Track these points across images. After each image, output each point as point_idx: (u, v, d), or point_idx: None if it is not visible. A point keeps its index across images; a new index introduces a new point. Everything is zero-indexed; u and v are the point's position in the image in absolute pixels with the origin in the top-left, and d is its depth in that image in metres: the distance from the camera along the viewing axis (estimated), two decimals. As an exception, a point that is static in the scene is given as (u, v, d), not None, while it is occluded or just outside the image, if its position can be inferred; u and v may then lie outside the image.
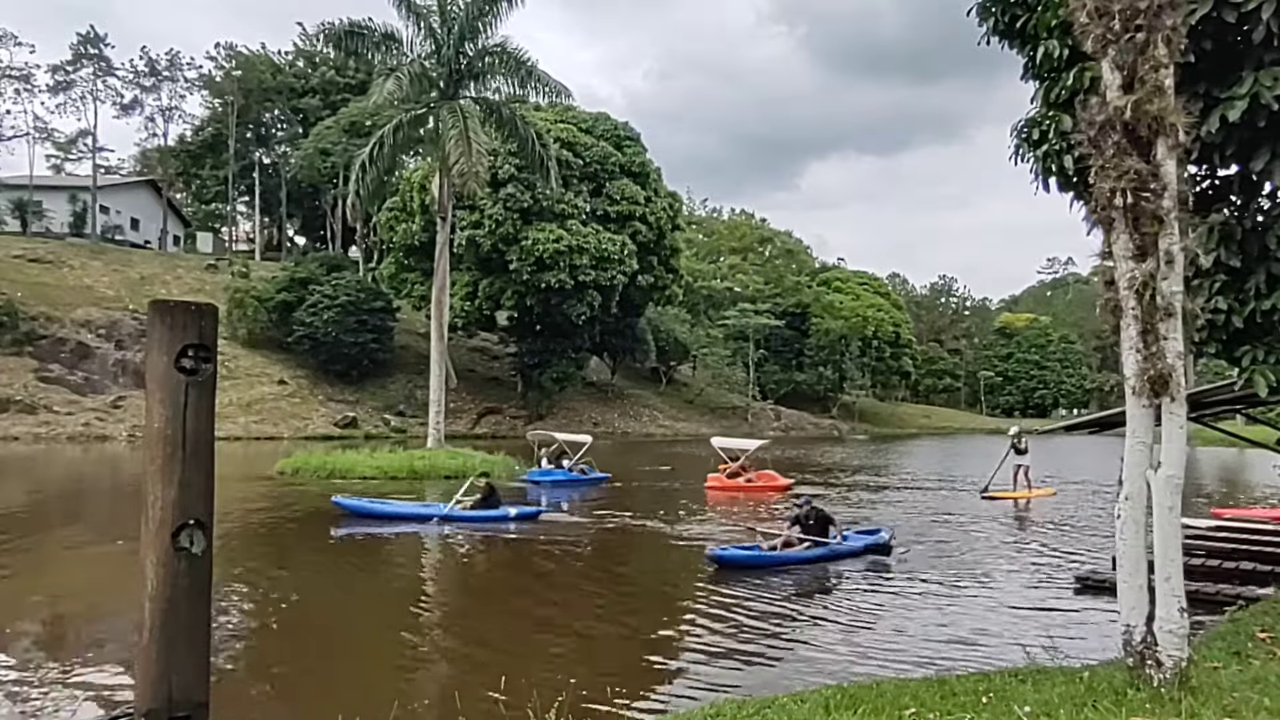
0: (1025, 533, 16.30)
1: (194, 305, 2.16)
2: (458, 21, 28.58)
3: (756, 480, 23.38)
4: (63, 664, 7.57)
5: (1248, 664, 5.62)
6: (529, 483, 24.52)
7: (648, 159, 58.22)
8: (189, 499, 2.09)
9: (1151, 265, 4.43)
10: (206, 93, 72.39)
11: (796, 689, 6.08)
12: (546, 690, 6.17)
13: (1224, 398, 9.22)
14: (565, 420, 58.98)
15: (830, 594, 10.69)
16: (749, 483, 23.19)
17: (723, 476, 23.51)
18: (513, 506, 17.33)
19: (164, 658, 2.06)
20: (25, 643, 8.20)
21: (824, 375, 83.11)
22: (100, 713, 6.07)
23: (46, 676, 7.22)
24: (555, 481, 24.56)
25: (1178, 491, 4.47)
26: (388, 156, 29.41)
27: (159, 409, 2.09)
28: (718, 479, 23.49)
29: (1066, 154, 6.66)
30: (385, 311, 56.17)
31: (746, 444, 25.76)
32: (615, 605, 10.12)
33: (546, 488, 23.68)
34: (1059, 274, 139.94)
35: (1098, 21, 4.55)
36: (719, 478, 23.53)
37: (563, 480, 24.70)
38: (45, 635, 8.42)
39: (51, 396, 45.16)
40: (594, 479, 25.20)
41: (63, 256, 56.01)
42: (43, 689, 6.88)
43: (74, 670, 7.37)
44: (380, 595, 10.98)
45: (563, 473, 25.28)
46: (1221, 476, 30.79)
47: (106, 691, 6.79)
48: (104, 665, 7.58)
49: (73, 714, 6.24)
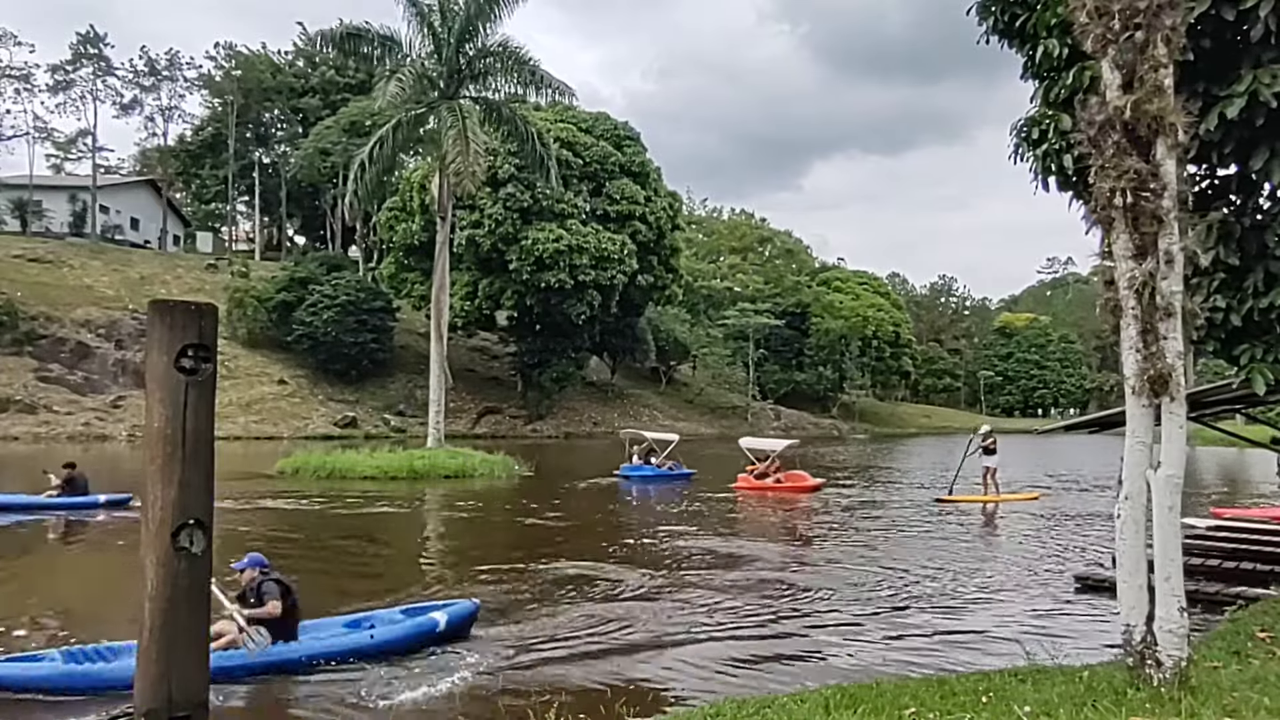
0: (1024, 532, 16.29)
1: (194, 305, 2.16)
2: (458, 20, 28.58)
3: (785, 481, 23.20)
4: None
5: (1248, 664, 5.62)
6: (620, 477, 25.96)
7: (647, 159, 58.24)
8: (189, 499, 2.09)
9: (1151, 265, 4.43)
10: (206, 92, 72.46)
11: (796, 689, 6.08)
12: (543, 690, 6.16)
13: (1223, 397, 9.22)
14: (564, 420, 59.07)
15: (830, 593, 10.69)
16: (777, 483, 23.00)
17: (750, 477, 23.44)
18: (103, 495, 17.59)
19: (164, 658, 2.06)
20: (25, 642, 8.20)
21: (824, 375, 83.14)
22: (100, 713, 6.07)
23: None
24: (644, 476, 25.94)
25: (1178, 491, 4.47)
26: (387, 156, 29.40)
27: (159, 409, 2.09)
28: (746, 479, 23.45)
29: (1066, 153, 6.67)
30: (385, 311, 56.18)
31: (775, 444, 25.68)
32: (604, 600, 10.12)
33: (636, 482, 25.19)
34: (1059, 274, 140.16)
35: (1097, 21, 4.55)
36: (747, 478, 23.48)
37: (650, 475, 26.12)
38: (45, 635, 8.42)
39: (51, 396, 45.18)
40: (681, 474, 26.61)
41: (63, 256, 56.02)
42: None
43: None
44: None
45: (651, 469, 26.75)
46: (1221, 476, 30.78)
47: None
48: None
49: (73, 714, 6.24)
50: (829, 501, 21.01)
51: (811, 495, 22.14)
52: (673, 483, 25.41)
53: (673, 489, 23.90)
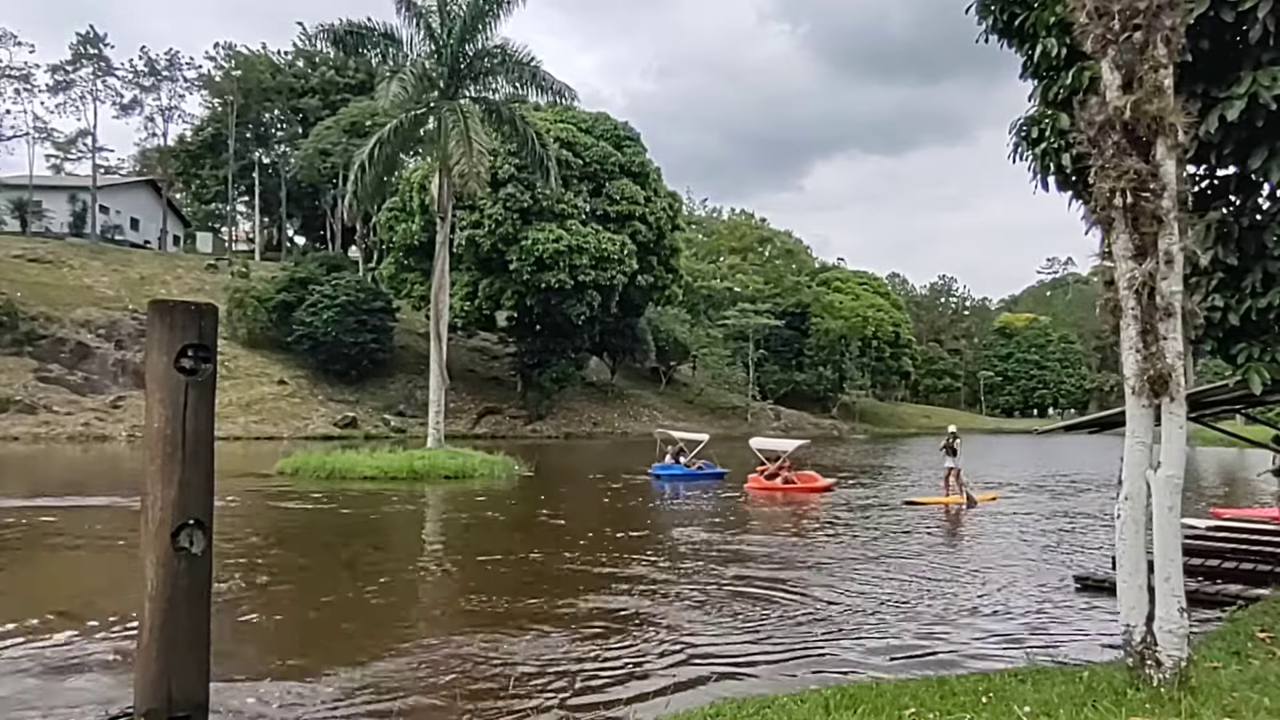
0: (1023, 531, 16.28)
1: (194, 305, 2.16)
2: (458, 21, 28.58)
3: (796, 481, 23.17)
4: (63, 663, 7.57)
5: (1248, 664, 5.62)
6: (652, 475, 26.50)
7: (647, 159, 58.26)
8: (189, 499, 2.09)
9: (1151, 265, 4.43)
10: (206, 93, 72.48)
11: (796, 689, 6.08)
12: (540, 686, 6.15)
13: (1223, 397, 9.22)
14: (564, 420, 59.06)
15: (829, 593, 10.68)
16: (788, 483, 22.98)
17: (761, 477, 23.47)
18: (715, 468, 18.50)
19: (164, 658, 2.06)
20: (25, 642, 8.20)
21: (824, 375, 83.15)
22: (100, 713, 6.07)
23: (46, 676, 7.22)
24: (673, 475, 26.36)
25: (1177, 491, 4.47)
26: (387, 157, 29.42)
27: (159, 409, 2.09)
28: (757, 479, 23.50)
29: (1065, 152, 6.67)
30: (385, 311, 56.19)
31: (786, 444, 25.70)
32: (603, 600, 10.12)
33: (667, 481, 25.68)
34: (1059, 274, 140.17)
35: (1097, 21, 4.55)
36: (758, 478, 23.53)
37: (680, 474, 26.52)
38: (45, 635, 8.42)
39: (51, 396, 45.18)
40: (712, 474, 26.92)
41: (63, 256, 56.03)
42: (42, 688, 6.88)
43: (74, 670, 7.37)
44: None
45: (679, 467, 27.18)
46: (1221, 476, 30.78)
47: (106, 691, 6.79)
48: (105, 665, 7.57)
49: (73, 714, 6.24)
50: (833, 501, 21.01)
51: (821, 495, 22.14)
52: (703, 481, 25.75)
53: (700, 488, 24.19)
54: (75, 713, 6.26)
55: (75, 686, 6.95)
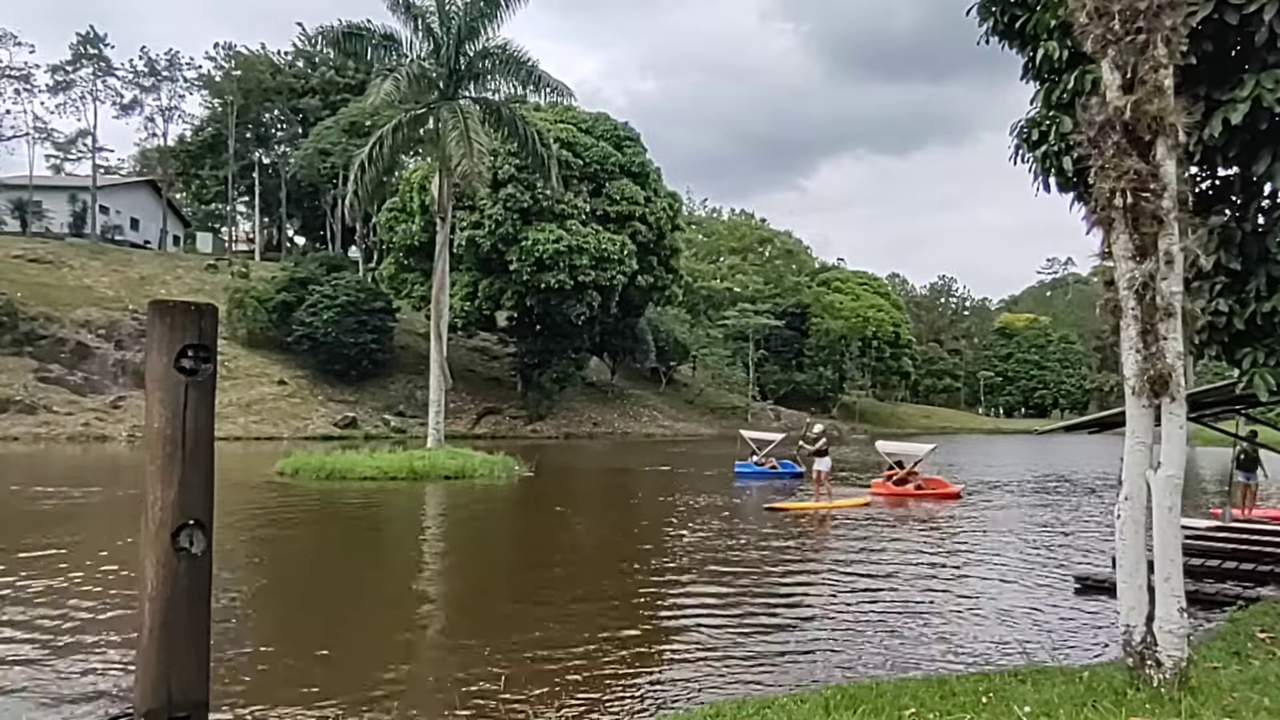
0: (1023, 532, 16.28)
1: (194, 305, 2.16)
2: (457, 22, 28.58)
3: (926, 487, 22.46)
4: (62, 663, 7.57)
5: (1248, 664, 5.62)
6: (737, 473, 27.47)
7: (647, 159, 58.23)
8: (189, 499, 2.09)
9: (1151, 265, 4.43)
10: (206, 93, 72.41)
11: (796, 689, 6.08)
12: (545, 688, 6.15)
13: (1224, 398, 9.22)
14: (564, 420, 59.00)
15: (829, 593, 10.68)
16: (918, 489, 22.28)
17: (889, 483, 22.83)
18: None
19: (164, 658, 2.06)
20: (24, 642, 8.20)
21: (824, 375, 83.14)
22: (100, 713, 6.07)
23: (46, 676, 7.22)
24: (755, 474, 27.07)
25: (1177, 491, 4.47)
26: (387, 157, 29.39)
27: (159, 409, 2.09)
28: (883, 485, 22.87)
29: (1066, 154, 6.67)
30: (385, 312, 56.17)
31: (915, 449, 25.00)
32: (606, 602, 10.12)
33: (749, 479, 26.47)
34: (1059, 274, 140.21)
35: (1097, 22, 4.55)
36: (884, 484, 22.90)
37: (751, 473, 27.27)
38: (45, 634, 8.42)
39: (51, 396, 45.15)
40: (789, 472, 27.31)
41: (63, 256, 56.01)
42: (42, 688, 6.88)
43: (74, 670, 7.37)
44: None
45: (749, 466, 27.84)
46: (1222, 476, 30.77)
47: (106, 691, 6.79)
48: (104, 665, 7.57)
49: (73, 714, 6.24)
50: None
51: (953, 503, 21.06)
52: (783, 480, 26.37)
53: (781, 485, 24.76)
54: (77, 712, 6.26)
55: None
